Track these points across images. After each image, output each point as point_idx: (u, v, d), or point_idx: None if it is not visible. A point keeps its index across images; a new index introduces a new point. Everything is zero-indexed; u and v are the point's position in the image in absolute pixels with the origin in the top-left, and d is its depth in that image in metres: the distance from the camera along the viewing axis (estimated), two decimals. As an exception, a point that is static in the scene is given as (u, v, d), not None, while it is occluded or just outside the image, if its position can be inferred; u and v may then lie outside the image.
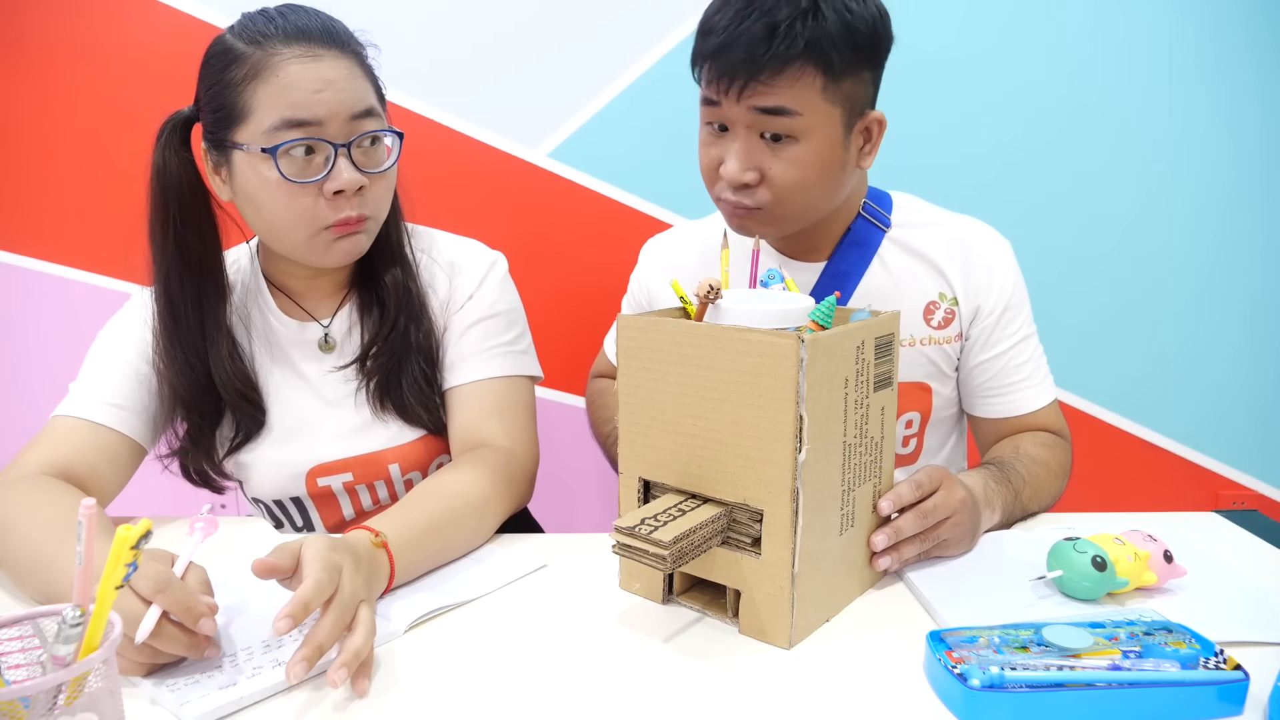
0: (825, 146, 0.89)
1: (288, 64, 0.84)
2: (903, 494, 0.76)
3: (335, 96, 0.85)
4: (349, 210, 0.88)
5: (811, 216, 0.96)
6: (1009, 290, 1.01)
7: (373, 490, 1.01)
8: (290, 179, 0.84)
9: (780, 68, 0.84)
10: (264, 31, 0.85)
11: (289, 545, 0.66)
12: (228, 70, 0.85)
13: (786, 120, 0.86)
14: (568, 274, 1.65)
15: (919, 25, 1.60)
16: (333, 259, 0.91)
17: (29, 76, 1.58)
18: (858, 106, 0.90)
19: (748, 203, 0.92)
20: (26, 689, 0.43)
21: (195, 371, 0.93)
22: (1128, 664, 0.58)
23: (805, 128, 0.87)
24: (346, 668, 0.61)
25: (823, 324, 0.68)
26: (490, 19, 1.58)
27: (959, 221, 1.05)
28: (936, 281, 1.02)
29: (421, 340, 0.98)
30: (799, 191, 0.90)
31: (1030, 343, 1.04)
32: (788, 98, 0.85)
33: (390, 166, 0.91)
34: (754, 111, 0.87)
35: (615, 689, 0.63)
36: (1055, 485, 0.97)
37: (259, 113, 0.84)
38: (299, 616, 0.60)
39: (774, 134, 0.88)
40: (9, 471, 0.84)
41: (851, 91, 0.88)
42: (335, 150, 0.85)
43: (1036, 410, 1.03)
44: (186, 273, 0.92)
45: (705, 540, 0.68)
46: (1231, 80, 1.64)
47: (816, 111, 0.87)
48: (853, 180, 0.97)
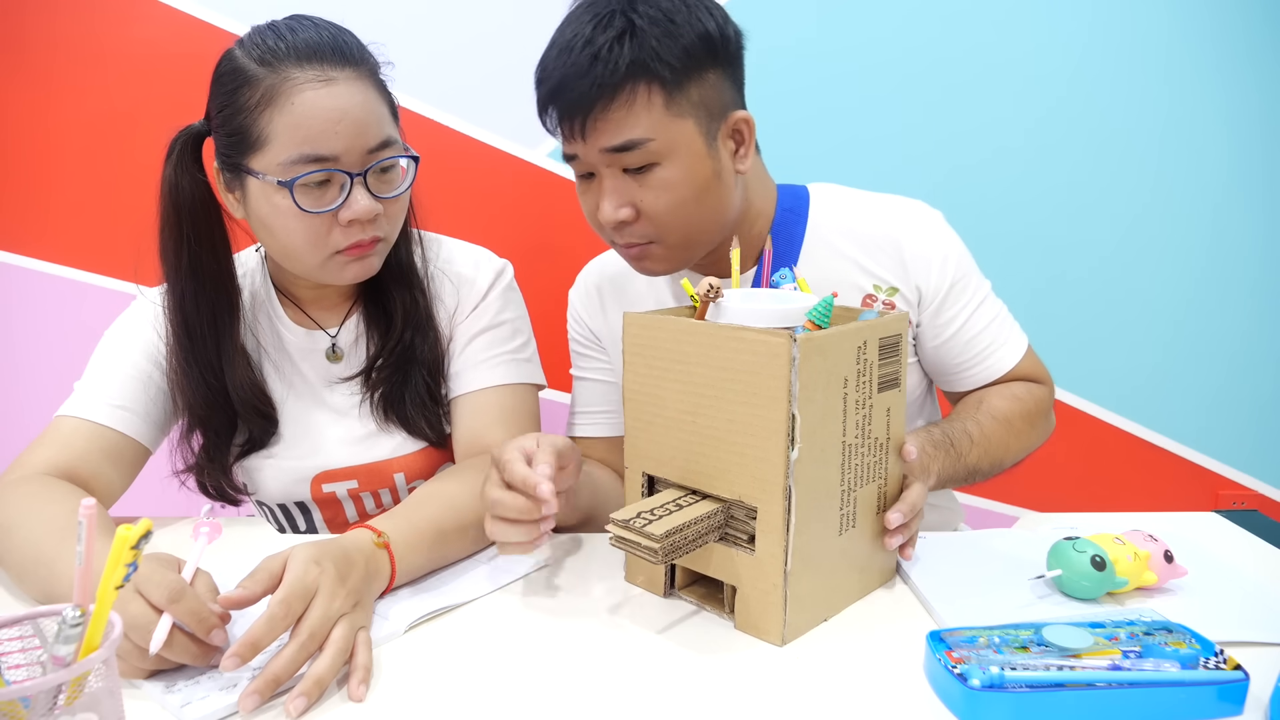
0: (690, 162, 0.86)
1: (302, 91, 0.82)
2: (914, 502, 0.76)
3: (352, 128, 0.83)
4: (362, 235, 0.87)
5: (707, 236, 0.92)
6: (950, 267, 0.99)
7: (377, 497, 1.01)
8: (306, 210, 0.84)
9: (612, 95, 0.82)
10: (274, 50, 0.83)
11: (270, 564, 0.65)
12: (240, 93, 0.83)
13: (639, 152, 0.84)
14: (567, 274, 1.64)
15: (920, 27, 1.61)
16: (345, 279, 0.91)
17: (30, 77, 1.58)
18: (716, 111, 0.87)
19: (636, 240, 0.90)
20: (26, 689, 0.43)
21: (211, 389, 0.93)
22: (1128, 664, 0.58)
23: (662, 150, 0.84)
24: (306, 697, 0.59)
25: (819, 323, 0.68)
26: (490, 18, 1.58)
27: (883, 205, 1.01)
28: (867, 273, 0.99)
29: (427, 354, 0.98)
30: (677, 214, 0.87)
31: (986, 306, 1.01)
32: (630, 128, 0.83)
33: (405, 190, 0.91)
34: (606, 153, 0.85)
35: (615, 689, 0.63)
36: (1019, 441, 0.97)
37: (274, 144, 0.82)
38: (246, 657, 0.59)
39: (635, 167, 0.86)
40: (12, 471, 0.84)
41: (701, 99, 0.85)
42: (351, 180, 0.84)
43: (1010, 369, 1.02)
44: (202, 291, 0.91)
45: (701, 535, 0.68)
46: (1231, 80, 1.64)
47: (666, 130, 0.84)
48: (737, 189, 0.93)
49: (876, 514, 0.75)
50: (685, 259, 0.94)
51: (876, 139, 1.64)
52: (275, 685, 0.60)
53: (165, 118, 0.91)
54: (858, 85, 1.62)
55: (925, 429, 0.91)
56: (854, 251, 0.99)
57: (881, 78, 1.63)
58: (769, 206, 1.00)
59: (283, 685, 0.60)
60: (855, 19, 1.61)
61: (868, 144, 1.64)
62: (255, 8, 1.57)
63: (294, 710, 0.58)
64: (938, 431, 0.90)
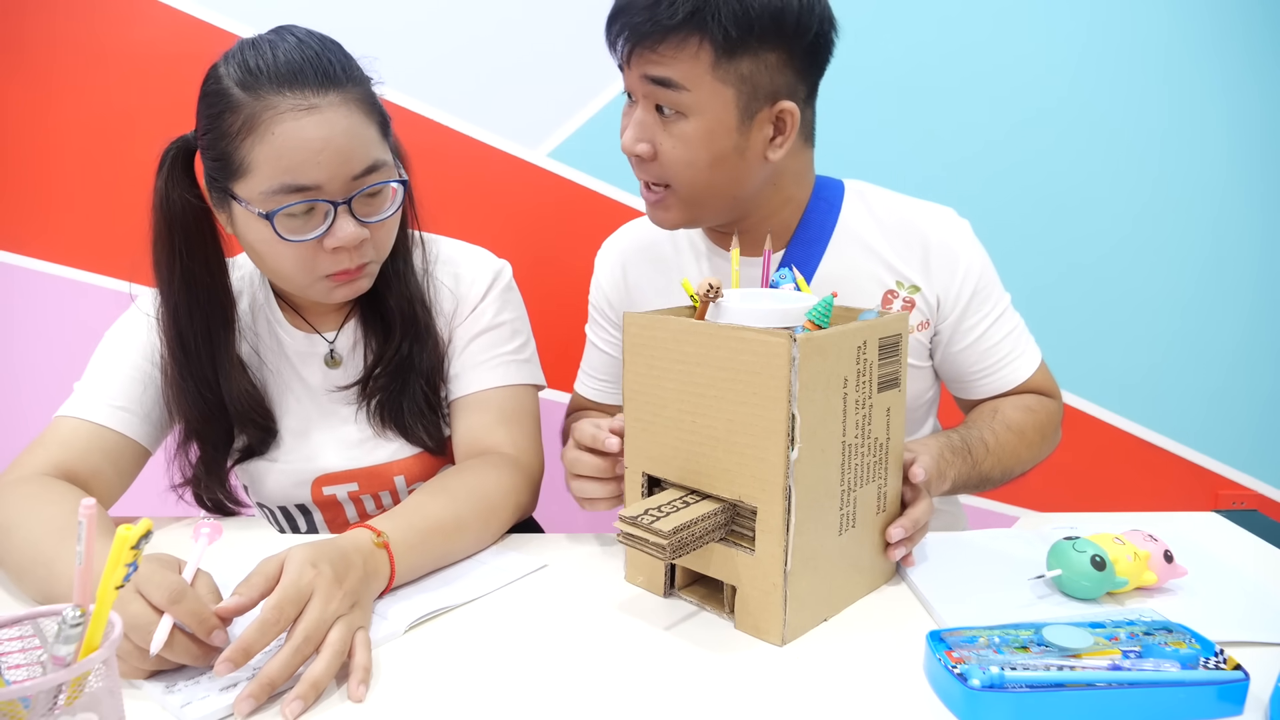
0: (715, 129, 0.87)
1: (283, 120, 0.79)
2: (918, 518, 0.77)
3: (334, 158, 0.81)
4: (348, 262, 0.86)
5: (716, 203, 0.93)
6: (974, 274, 1.00)
7: (377, 499, 1.01)
8: (288, 239, 0.83)
9: (664, 35, 0.84)
10: (255, 71, 0.80)
11: (266, 567, 0.65)
12: (223, 118, 0.81)
13: (673, 94, 0.86)
14: (567, 274, 1.64)
15: (920, 25, 1.61)
16: (334, 299, 0.91)
17: (30, 77, 1.58)
18: (762, 92, 0.87)
19: (648, 179, 0.92)
20: (26, 689, 0.43)
21: (207, 402, 0.93)
22: (1128, 664, 0.58)
23: (693, 104, 0.86)
24: (302, 700, 0.59)
25: (819, 323, 0.68)
26: (490, 18, 1.58)
27: (915, 207, 1.02)
28: (892, 270, 1.00)
29: (425, 363, 0.97)
30: (687, 170, 0.89)
31: (1006, 318, 1.03)
32: (674, 70, 0.85)
33: (394, 213, 0.89)
34: (646, 81, 0.86)
35: (615, 689, 0.63)
36: (1030, 451, 0.98)
37: (256, 173, 0.81)
38: (238, 662, 0.59)
39: (666, 107, 0.87)
40: (12, 472, 0.84)
41: (751, 73, 0.86)
42: (335, 208, 0.83)
43: (1024, 381, 1.03)
44: (195, 304, 0.91)
45: (706, 533, 0.68)
46: (1232, 81, 1.64)
47: (703, 88, 0.85)
48: (762, 171, 0.92)
49: (876, 514, 0.75)
50: (694, 217, 0.95)
51: (876, 139, 1.64)
52: (271, 689, 0.59)
53: (165, 118, 0.91)
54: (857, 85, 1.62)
55: (944, 434, 0.92)
56: (881, 247, 1.00)
57: (879, 77, 1.63)
58: (802, 195, 1.01)
59: (279, 688, 0.60)
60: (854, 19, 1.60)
61: (867, 143, 1.64)
62: (255, 8, 1.58)
63: (291, 714, 0.58)
64: (956, 437, 0.90)
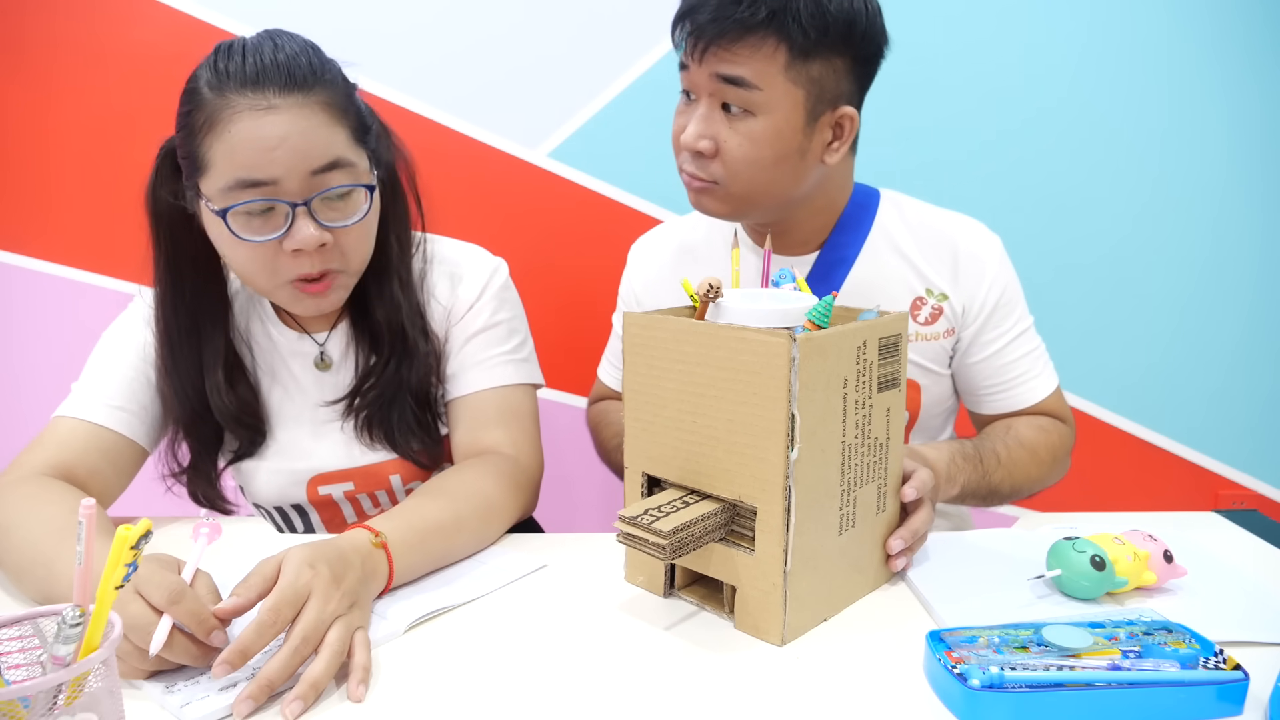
0: (783, 129, 0.88)
1: (239, 118, 0.78)
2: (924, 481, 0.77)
3: (289, 155, 0.79)
4: (309, 268, 0.84)
5: (768, 201, 0.94)
6: (1000, 287, 1.01)
7: (374, 499, 1.01)
8: (244, 238, 0.81)
9: (741, 34, 0.84)
10: (224, 73, 0.80)
11: (264, 568, 0.65)
12: (191, 115, 0.81)
13: (745, 93, 0.86)
14: (567, 274, 1.65)
15: (920, 23, 1.61)
16: (303, 310, 0.89)
17: (30, 77, 1.58)
18: (827, 96, 0.89)
19: (702, 175, 0.92)
20: (26, 689, 0.43)
21: (191, 401, 0.93)
22: (1127, 664, 0.58)
23: (764, 103, 0.87)
24: (301, 701, 0.59)
25: (819, 323, 0.68)
26: (490, 19, 1.58)
27: (947, 218, 1.04)
28: (922, 277, 1.01)
29: (415, 381, 0.96)
30: (749, 169, 0.89)
31: (1026, 337, 1.04)
32: (748, 69, 0.85)
33: (362, 219, 0.86)
34: (716, 79, 0.87)
35: (615, 689, 0.63)
36: (1040, 471, 0.98)
37: (213, 169, 0.80)
38: (235, 664, 0.59)
39: (734, 105, 0.87)
40: (10, 472, 0.84)
41: (820, 76, 0.87)
42: (293, 209, 0.81)
43: (1038, 402, 1.04)
44: (180, 302, 0.91)
45: (706, 533, 0.68)
46: (1232, 81, 1.64)
47: (777, 88, 0.86)
48: (815, 173, 0.94)
49: (876, 514, 0.75)
50: (742, 211, 0.96)
51: (876, 139, 1.64)
52: (269, 690, 0.59)
53: (165, 118, 0.90)
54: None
55: (958, 441, 0.92)
56: (913, 254, 1.02)
57: (879, 77, 1.62)
58: (841, 200, 1.02)
59: (278, 689, 0.60)
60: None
61: (867, 143, 1.63)
62: (255, 8, 1.58)
63: (290, 714, 0.58)
64: (969, 445, 0.91)
